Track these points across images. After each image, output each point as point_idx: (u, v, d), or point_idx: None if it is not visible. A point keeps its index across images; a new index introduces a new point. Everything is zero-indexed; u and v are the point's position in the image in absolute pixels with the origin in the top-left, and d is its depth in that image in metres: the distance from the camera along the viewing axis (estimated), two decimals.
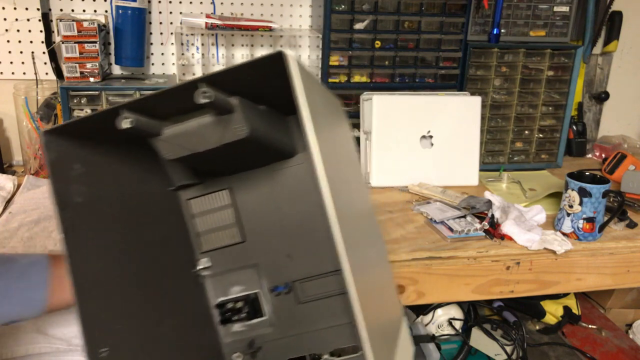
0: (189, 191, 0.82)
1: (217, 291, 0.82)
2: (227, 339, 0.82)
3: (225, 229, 0.82)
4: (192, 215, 0.82)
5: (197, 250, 0.82)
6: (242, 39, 1.40)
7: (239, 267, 0.82)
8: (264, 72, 0.60)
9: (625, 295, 1.43)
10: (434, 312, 1.28)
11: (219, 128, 0.65)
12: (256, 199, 0.82)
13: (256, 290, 0.82)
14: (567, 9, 1.46)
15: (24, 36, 1.31)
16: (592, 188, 1.03)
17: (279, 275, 0.82)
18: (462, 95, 1.36)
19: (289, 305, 0.82)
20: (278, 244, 0.82)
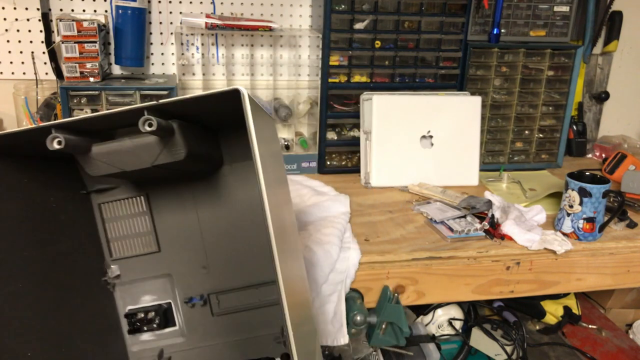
0: (102, 195, 0.79)
1: (127, 300, 0.80)
2: (135, 348, 0.80)
3: (140, 237, 0.80)
4: (104, 220, 0.79)
5: (107, 257, 0.79)
6: (242, 39, 1.39)
7: (151, 276, 0.80)
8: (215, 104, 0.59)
9: (625, 295, 1.43)
10: (434, 312, 1.28)
11: (156, 149, 0.63)
12: (175, 207, 0.79)
13: (168, 300, 0.81)
14: (567, 9, 1.46)
15: (24, 36, 1.31)
16: (592, 188, 1.03)
17: (194, 286, 0.80)
18: (462, 95, 1.36)
19: (202, 317, 0.81)
20: (194, 255, 0.80)
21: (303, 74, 1.44)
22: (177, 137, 0.63)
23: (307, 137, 1.42)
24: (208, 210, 0.80)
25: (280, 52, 1.42)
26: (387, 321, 0.95)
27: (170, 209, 0.80)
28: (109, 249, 0.80)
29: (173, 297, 0.81)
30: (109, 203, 0.79)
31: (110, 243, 0.80)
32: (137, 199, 0.79)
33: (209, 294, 0.81)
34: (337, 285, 0.96)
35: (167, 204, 0.80)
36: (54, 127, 0.58)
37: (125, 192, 0.79)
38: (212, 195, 0.80)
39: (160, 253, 0.80)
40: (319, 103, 1.36)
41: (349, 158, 1.43)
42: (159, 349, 0.81)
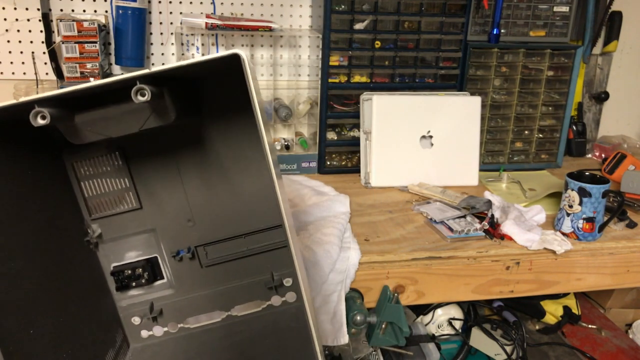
0: (74, 154, 0.75)
1: (111, 258, 0.79)
2: (124, 303, 0.80)
3: (119, 194, 0.77)
4: (79, 179, 0.76)
5: (87, 217, 0.77)
6: (242, 39, 1.40)
7: (134, 232, 0.79)
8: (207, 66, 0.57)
9: (625, 295, 1.43)
10: (434, 312, 1.28)
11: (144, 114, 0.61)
12: (154, 161, 0.77)
13: (154, 255, 0.80)
14: (567, 9, 1.46)
15: (24, 36, 1.31)
16: (591, 188, 1.03)
17: (181, 240, 0.79)
18: (462, 95, 1.36)
19: (191, 269, 0.80)
20: (178, 209, 0.78)
21: (303, 74, 1.44)
22: (166, 100, 0.61)
23: (307, 137, 1.42)
24: (189, 162, 0.78)
25: (280, 52, 1.42)
26: (387, 321, 0.96)
27: (149, 163, 0.77)
28: (88, 209, 0.77)
29: (159, 251, 0.80)
30: (83, 161, 0.76)
31: (88, 202, 0.77)
32: (112, 155, 0.76)
33: (196, 246, 0.80)
34: (337, 285, 0.96)
35: (144, 158, 0.77)
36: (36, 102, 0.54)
37: (99, 149, 0.75)
38: (192, 147, 0.78)
39: (142, 210, 0.79)
40: (319, 103, 1.36)
41: (349, 158, 1.43)
42: (148, 302, 0.81)
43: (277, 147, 1.38)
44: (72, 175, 0.76)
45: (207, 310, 0.81)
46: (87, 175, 0.76)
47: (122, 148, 0.75)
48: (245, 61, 0.54)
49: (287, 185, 1.23)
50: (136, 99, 0.54)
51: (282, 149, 1.38)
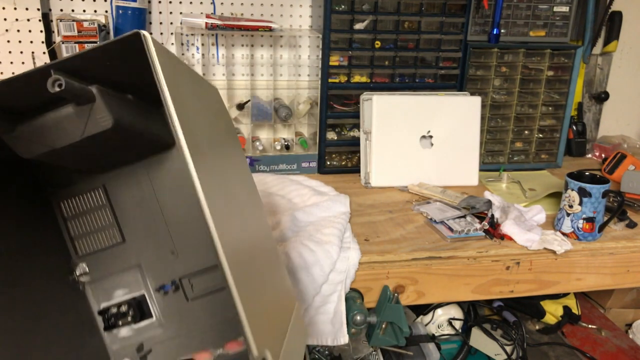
0: (59, 193, 0.76)
1: (100, 297, 0.78)
2: (115, 346, 0.78)
3: (103, 230, 0.78)
4: (65, 219, 0.77)
5: (73, 255, 0.77)
6: (242, 39, 1.40)
7: (120, 269, 0.78)
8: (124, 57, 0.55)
9: (625, 295, 1.43)
10: (434, 312, 1.28)
11: (81, 120, 0.60)
12: (134, 195, 0.77)
13: (141, 292, 0.79)
14: (567, 9, 1.46)
15: (24, 36, 1.31)
16: (591, 188, 1.03)
17: (165, 273, 0.78)
18: (462, 95, 1.36)
19: (177, 304, 0.79)
20: (161, 241, 0.78)
21: (303, 74, 1.44)
22: (99, 103, 0.60)
23: (307, 137, 1.42)
24: (167, 194, 0.78)
25: (280, 52, 1.42)
26: (387, 321, 0.96)
27: (130, 198, 0.77)
28: (74, 247, 0.78)
29: (145, 287, 0.79)
30: (68, 200, 0.77)
31: (74, 241, 0.78)
32: (95, 192, 0.77)
33: (181, 278, 0.79)
34: (337, 285, 0.96)
35: (125, 192, 0.77)
36: None
37: (83, 187, 0.76)
38: (169, 177, 0.77)
39: (126, 243, 0.78)
40: (319, 103, 1.36)
41: (349, 158, 1.43)
42: (138, 342, 0.79)
43: (277, 147, 1.38)
44: (58, 214, 0.77)
45: (198, 349, 0.79)
46: (72, 214, 0.77)
47: (103, 185, 0.77)
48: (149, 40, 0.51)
49: (287, 185, 1.23)
50: (53, 89, 0.53)
51: (282, 149, 1.38)
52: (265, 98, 1.40)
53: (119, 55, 0.56)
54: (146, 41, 0.51)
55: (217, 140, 0.67)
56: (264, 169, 1.37)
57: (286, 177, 1.28)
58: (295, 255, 0.94)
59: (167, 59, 0.53)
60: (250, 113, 1.36)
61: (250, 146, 1.36)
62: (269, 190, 1.22)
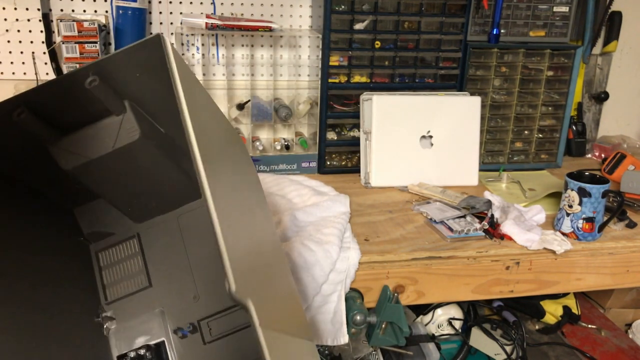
0: (98, 243, 0.81)
1: (122, 343, 0.80)
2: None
3: (133, 277, 0.81)
4: (101, 268, 0.81)
5: (102, 301, 0.80)
6: (242, 39, 1.40)
7: (144, 314, 0.80)
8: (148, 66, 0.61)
9: (624, 295, 1.43)
10: (434, 312, 1.28)
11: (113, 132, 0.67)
12: (163, 243, 0.81)
13: (162, 339, 0.81)
14: (566, 9, 1.46)
15: (24, 36, 1.31)
16: (591, 188, 1.03)
17: (185, 318, 0.81)
18: (462, 96, 1.36)
19: (195, 348, 0.80)
20: (184, 286, 0.81)
21: (303, 74, 1.44)
22: (128, 116, 0.67)
23: (307, 137, 1.42)
24: (194, 240, 0.82)
25: (280, 53, 1.42)
26: (387, 321, 0.96)
27: (160, 245, 0.82)
28: (104, 294, 0.81)
29: (166, 334, 0.81)
30: (106, 250, 0.81)
31: (106, 288, 0.81)
32: (131, 241, 0.81)
33: (199, 321, 0.81)
34: (337, 285, 0.96)
35: (156, 240, 0.82)
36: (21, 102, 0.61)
37: (120, 236, 0.81)
38: (196, 226, 0.82)
39: (152, 288, 0.81)
40: (319, 103, 1.36)
41: (349, 158, 1.43)
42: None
43: (277, 147, 1.38)
44: (95, 264, 0.81)
45: None
46: (108, 264, 0.81)
47: (137, 234, 0.82)
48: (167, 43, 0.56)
49: (287, 185, 1.23)
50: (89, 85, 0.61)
51: (282, 149, 1.38)
52: (265, 98, 1.41)
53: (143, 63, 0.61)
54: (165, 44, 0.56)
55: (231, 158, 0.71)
56: (264, 169, 1.37)
57: (286, 177, 1.28)
58: (295, 255, 0.94)
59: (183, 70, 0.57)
60: (250, 113, 1.36)
61: (250, 146, 1.36)
62: (269, 190, 1.22)
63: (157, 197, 0.79)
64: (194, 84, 0.62)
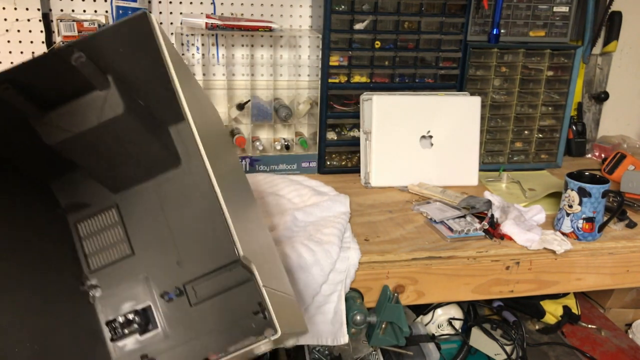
0: (76, 214, 0.83)
1: (108, 309, 0.82)
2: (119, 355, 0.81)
3: (114, 246, 0.83)
4: (81, 238, 0.83)
5: (85, 270, 0.82)
6: (242, 39, 1.40)
7: (129, 281, 0.83)
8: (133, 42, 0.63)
9: (624, 295, 1.43)
10: (434, 312, 1.28)
11: (97, 107, 0.69)
12: (143, 212, 0.83)
13: (148, 303, 0.83)
14: (566, 9, 1.46)
15: (24, 36, 1.31)
16: (591, 188, 1.03)
17: (170, 282, 0.83)
18: (462, 96, 1.36)
19: (181, 310, 0.82)
20: (167, 253, 0.83)
21: (303, 74, 1.44)
22: (113, 91, 0.69)
23: (307, 137, 1.42)
24: (174, 208, 0.84)
25: (280, 53, 1.42)
26: (387, 321, 0.96)
27: (140, 214, 0.84)
28: (87, 263, 0.82)
29: (152, 299, 0.83)
30: (84, 221, 0.83)
31: (88, 258, 0.83)
32: (109, 211, 0.83)
33: (184, 285, 0.83)
34: (337, 285, 0.96)
35: (136, 209, 0.84)
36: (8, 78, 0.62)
37: (98, 208, 0.83)
38: (176, 193, 0.84)
39: (135, 256, 0.83)
40: (319, 103, 1.36)
41: (349, 158, 1.43)
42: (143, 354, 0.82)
43: (277, 147, 1.38)
44: (74, 234, 0.83)
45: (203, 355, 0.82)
46: (87, 234, 0.83)
47: (116, 204, 0.84)
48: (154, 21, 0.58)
49: (287, 185, 1.23)
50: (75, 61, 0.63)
51: (282, 149, 1.38)
52: (265, 98, 1.41)
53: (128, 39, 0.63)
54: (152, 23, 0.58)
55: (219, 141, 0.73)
56: (264, 169, 1.37)
57: (286, 177, 1.28)
58: (295, 255, 0.94)
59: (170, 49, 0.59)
60: (250, 113, 1.36)
61: (250, 146, 1.36)
62: (269, 190, 1.22)
63: (136, 168, 0.81)
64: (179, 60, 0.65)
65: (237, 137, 1.34)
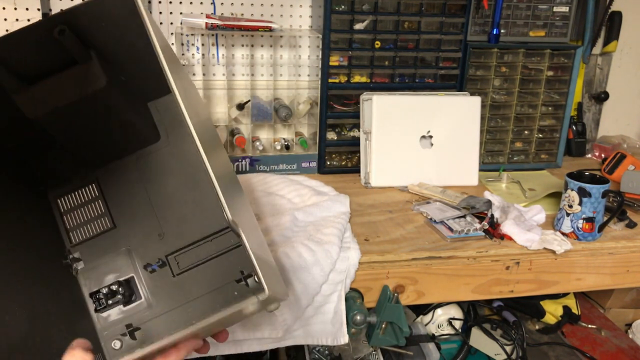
0: (57, 190, 0.84)
1: (91, 281, 0.84)
2: (105, 330, 0.83)
3: (95, 220, 0.84)
4: (61, 213, 0.84)
5: (67, 244, 0.84)
6: (242, 39, 1.40)
7: (111, 255, 0.84)
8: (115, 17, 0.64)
9: (624, 295, 1.44)
10: (434, 312, 1.28)
11: (79, 81, 0.69)
12: (124, 186, 0.85)
13: (131, 274, 0.84)
14: (566, 9, 1.46)
15: None
16: (591, 188, 1.03)
17: (153, 254, 0.84)
18: (462, 96, 1.36)
19: (164, 281, 0.84)
20: (148, 225, 0.84)
21: (303, 74, 1.44)
22: (94, 64, 0.69)
23: (307, 137, 1.42)
24: (155, 181, 0.86)
25: (280, 53, 1.42)
26: (387, 321, 0.96)
27: (120, 189, 0.85)
28: (69, 238, 0.84)
29: (135, 270, 0.84)
30: (65, 196, 0.84)
31: (69, 232, 0.84)
32: (90, 186, 0.84)
33: (167, 256, 0.85)
34: (337, 285, 0.96)
35: (116, 183, 0.85)
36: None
37: (78, 183, 0.84)
38: (156, 168, 0.86)
39: (116, 229, 0.85)
40: (319, 103, 1.36)
41: (349, 158, 1.43)
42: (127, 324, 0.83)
43: (277, 147, 1.38)
44: (55, 210, 0.84)
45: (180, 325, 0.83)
46: (68, 209, 0.84)
47: (96, 179, 0.85)
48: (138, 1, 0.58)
49: (287, 185, 1.23)
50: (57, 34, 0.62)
51: (282, 149, 1.38)
52: (265, 98, 1.41)
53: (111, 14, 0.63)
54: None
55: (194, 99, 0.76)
56: (264, 169, 1.37)
57: (286, 177, 1.28)
58: (295, 255, 0.94)
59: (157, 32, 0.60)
60: (250, 113, 1.36)
61: (250, 146, 1.36)
62: (269, 190, 1.22)
63: (117, 142, 0.82)
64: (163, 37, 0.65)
65: (237, 137, 1.34)
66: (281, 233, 1.02)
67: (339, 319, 0.94)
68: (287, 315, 0.90)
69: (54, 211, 0.84)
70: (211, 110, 1.37)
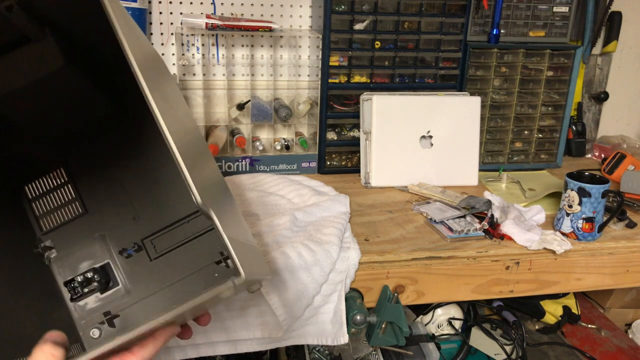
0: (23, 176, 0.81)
1: (65, 270, 0.81)
2: (83, 319, 0.80)
3: (66, 206, 0.81)
4: (30, 200, 0.81)
5: (38, 232, 0.81)
6: (242, 40, 1.40)
7: (84, 240, 0.81)
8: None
9: (624, 295, 1.44)
10: (434, 312, 1.28)
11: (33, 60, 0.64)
12: (94, 170, 0.81)
13: (106, 260, 0.81)
14: (566, 9, 1.46)
15: None
16: (591, 188, 1.03)
17: (128, 239, 0.82)
18: (462, 96, 1.36)
19: (141, 265, 0.81)
20: (122, 209, 0.82)
21: (303, 75, 1.44)
22: (50, 42, 0.64)
23: (307, 137, 1.43)
24: (125, 163, 0.82)
25: (280, 53, 1.42)
26: (387, 321, 0.96)
27: (89, 172, 0.82)
28: (39, 225, 0.81)
29: (110, 256, 0.82)
30: (32, 183, 0.81)
31: (39, 219, 0.81)
32: (57, 171, 0.81)
33: (143, 240, 0.82)
34: (337, 285, 0.96)
35: (86, 167, 0.82)
36: None
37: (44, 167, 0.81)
38: (126, 149, 0.82)
39: (88, 214, 0.82)
40: (319, 103, 1.36)
41: (349, 158, 1.43)
42: (105, 311, 0.81)
43: (277, 147, 1.38)
44: (22, 197, 0.81)
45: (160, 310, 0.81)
46: (36, 196, 0.81)
47: (65, 162, 0.81)
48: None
49: (287, 185, 1.23)
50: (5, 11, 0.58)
51: (282, 149, 1.38)
52: (265, 98, 1.41)
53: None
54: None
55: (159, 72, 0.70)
56: (264, 169, 1.37)
57: (286, 177, 1.28)
58: (295, 255, 0.94)
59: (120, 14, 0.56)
60: (250, 113, 1.36)
61: (250, 146, 1.36)
62: (269, 190, 1.22)
63: (82, 124, 0.79)
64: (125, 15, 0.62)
65: (237, 137, 1.34)
66: (281, 233, 1.02)
67: (339, 319, 0.94)
68: (287, 315, 0.90)
69: (21, 198, 0.80)
70: (211, 110, 1.38)
